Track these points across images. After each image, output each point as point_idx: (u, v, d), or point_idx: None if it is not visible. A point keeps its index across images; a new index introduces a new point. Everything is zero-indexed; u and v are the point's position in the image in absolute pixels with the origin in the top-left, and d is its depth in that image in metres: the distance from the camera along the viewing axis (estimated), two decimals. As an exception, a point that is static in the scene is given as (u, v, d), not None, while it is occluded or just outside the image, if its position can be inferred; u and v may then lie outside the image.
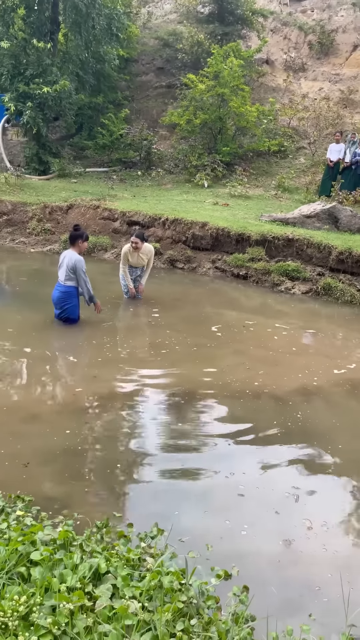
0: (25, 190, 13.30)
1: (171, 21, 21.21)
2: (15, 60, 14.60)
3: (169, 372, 5.48)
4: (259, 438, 4.32)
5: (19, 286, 8.68)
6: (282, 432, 4.40)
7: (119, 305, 7.76)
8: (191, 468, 3.82)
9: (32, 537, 2.34)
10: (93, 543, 2.53)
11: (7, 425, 4.17)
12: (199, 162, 15.10)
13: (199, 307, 8.00)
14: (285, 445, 4.23)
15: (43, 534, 2.43)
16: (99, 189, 13.82)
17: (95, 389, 4.92)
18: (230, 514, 3.29)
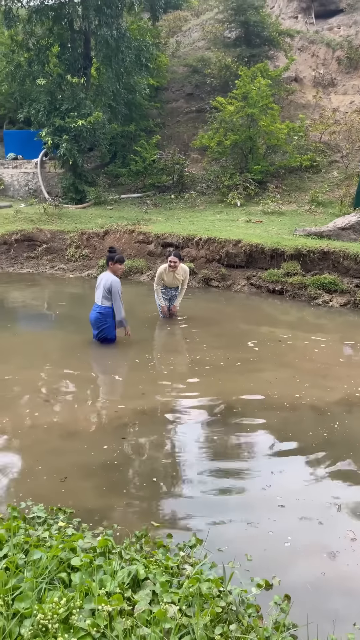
0: (63, 219, 13.77)
1: (199, 48, 21.75)
2: (51, 97, 15.29)
3: (208, 387, 5.49)
4: (299, 449, 4.26)
5: (59, 310, 8.93)
6: (322, 443, 4.32)
7: (155, 325, 7.86)
8: (230, 480, 3.80)
9: (72, 545, 2.39)
10: (132, 552, 2.56)
11: (47, 442, 4.28)
12: (231, 182, 15.25)
13: (235, 324, 8.01)
14: (326, 455, 4.15)
15: (83, 542, 2.48)
16: (134, 214, 14.14)
17: (137, 405, 4.99)
18: (272, 525, 3.25)
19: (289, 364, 6.22)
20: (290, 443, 4.37)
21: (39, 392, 5.27)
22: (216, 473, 3.89)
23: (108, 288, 6.56)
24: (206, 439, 4.43)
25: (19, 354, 6.41)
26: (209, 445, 4.33)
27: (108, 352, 6.59)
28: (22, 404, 5.03)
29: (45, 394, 5.23)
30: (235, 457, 4.15)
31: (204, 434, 4.53)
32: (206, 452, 4.22)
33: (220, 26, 19.65)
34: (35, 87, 15.36)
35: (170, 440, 4.43)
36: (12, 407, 4.96)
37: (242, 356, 6.38)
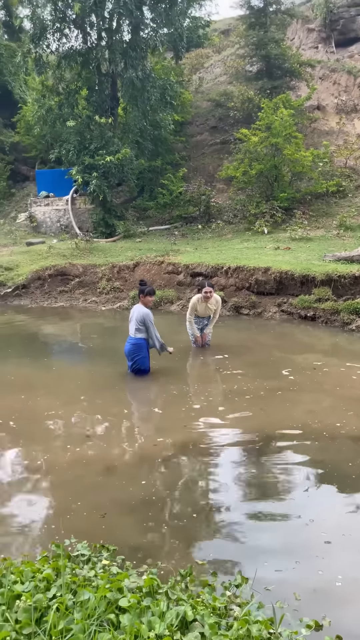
0: (94, 253, 14.10)
1: (221, 83, 22.33)
2: (80, 137, 15.89)
3: (247, 419, 5.44)
4: (340, 481, 4.16)
5: (93, 343, 9.07)
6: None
7: (188, 355, 7.88)
8: (271, 515, 3.73)
9: (119, 585, 2.39)
10: (178, 591, 2.53)
11: (86, 477, 4.30)
12: (258, 210, 15.39)
13: (269, 352, 7.96)
14: (370, 489, 4.04)
15: (129, 581, 2.47)
16: (162, 245, 14.37)
17: (176, 439, 4.97)
18: (320, 563, 3.16)
19: (326, 392, 6.13)
20: (331, 475, 4.27)
21: (77, 427, 5.33)
22: (257, 508, 3.83)
23: (141, 320, 6.67)
24: (246, 473, 4.37)
25: (56, 388, 6.51)
26: (249, 479, 4.27)
27: (144, 384, 6.63)
28: (61, 439, 5.09)
29: (83, 429, 5.29)
30: (276, 492, 4.08)
31: (244, 467, 4.47)
32: (247, 487, 4.16)
33: (241, 61, 20.17)
34: (66, 128, 16.01)
35: (210, 474, 4.39)
36: (52, 442, 5.02)
37: (278, 385, 6.32)
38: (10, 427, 5.28)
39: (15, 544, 3.52)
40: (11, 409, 5.69)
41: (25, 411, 5.67)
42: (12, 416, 5.50)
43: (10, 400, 5.97)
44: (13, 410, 5.67)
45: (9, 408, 5.73)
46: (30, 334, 9.95)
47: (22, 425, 5.32)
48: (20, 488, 4.26)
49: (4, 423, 5.35)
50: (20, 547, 3.46)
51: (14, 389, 6.41)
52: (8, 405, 5.80)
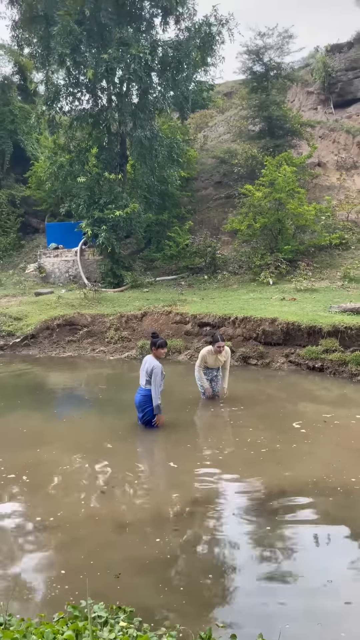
0: (102, 302, 14.31)
1: (225, 141, 23.30)
2: (90, 192, 16.48)
3: (261, 473, 5.39)
4: (357, 538, 4.10)
5: (103, 394, 9.08)
6: (382, 533, 4.15)
7: (197, 406, 7.88)
8: (288, 576, 3.67)
9: (140, 647, 2.35)
10: (199, 655, 2.48)
11: (99, 535, 4.24)
12: (262, 261, 15.72)
13: (278, 403, 7.96)
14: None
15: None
16: (170, 295, 14.60)
17: (190, 495, 4.93)
18: (341, 625, 3.09)
19: (338, 445, 6.09)
20: (347, 533, 4.21)
21: (90, 482, 5.29)
22: (274, 569, 3.76)
23: (150, 372, 6.72)
24: (261, 531, 4.31)
25: (68, 441, 6.47)
26: (264, 537, 4.20)
27: (155, 437, 6.60)
28: (74, 494, 5.04)
29: (96, 484, 5.25)
30: (292, 551, 4.02)
31: (258, 525, 4.40)
32: (262, 546, 4.09)
33: (244, 121, 21.12)
34: (76, 184, 16.64)
35: (225, 533, 4.32)
36: (65, 497, 4.98)
37: (290, 438, 6.29)
38: (24, 481, 5.24)
39: (30, 604, 3.45)
40: (25, 463, 5.67)
41: (39, 465, 5.64)
42: (26, 470, 5.47)
43: (24, 454, 5.95)
44: (27, 464, 5.64)
45: (23, 462, 5.70)
46: (39, 384, 9.99)
47: (36, 480, 5.28)
48: (33, 546, 4.21)
49: (18, 477, 5.32)
50: (34, 608, 3.40)
51: (27, 442, 6.39)
52: (22, 459, 5.78)
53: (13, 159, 23.39)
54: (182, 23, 16.80)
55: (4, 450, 6.06)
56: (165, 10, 16.54)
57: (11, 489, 5.09)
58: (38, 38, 16.34)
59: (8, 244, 22.06)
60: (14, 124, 23.22)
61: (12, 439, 6.49)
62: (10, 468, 5.51)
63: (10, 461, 5.70)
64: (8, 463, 5.64)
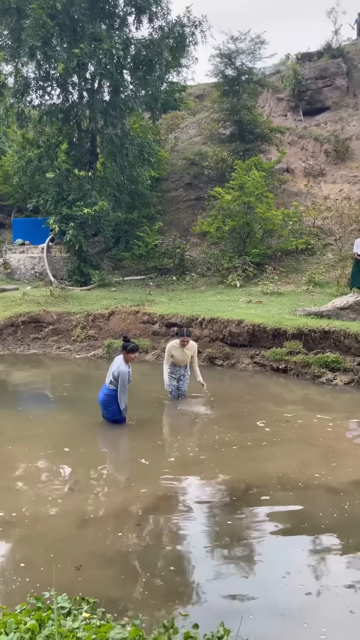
0: (69, 301, 14.17)
1: (196, 143, 23.46)
2: (59, 188, 16.30)
3: (222, 469, 5.48)
4: (314, 531, 4.22)
5: (68, 391, 9.00)
6: (333, 524, 4.28)
7: (164, 405, 7.92)
8: (249, 568, 3.75)
9: (104, 636, 2.37)
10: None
11: (60, 530, 4.22)
12: (230, 264, 15.90)
13: (243, 403, 8.07)
14: (339, 537, 4.10)
15: (114, 632, 2.45)
16: (137, 295, 14.59)
17: (154, 491, 4.96)
18: (303, 615, 3.18)
19: (300, 443, 6.24)
20: (305, 526, 4.33)
21: (55, 478, 5.26)
22: (235, 561, 3.84)
23: (116, 375, 6.70)
24: (224, 525, 4.38)
25: (33, 438, 6.39)
26: (226, 531, 4.28)
27: (121, 435, 6.61)
28: (38, 491, 5.00)
29: (61, 480, 5.22)
30: (253, 544, 4.10)
31: (221, 520, 4.48)
32: (224, 540, 4.17)
33: (215, 124, 21.34)
34: (45, 179, 16.42)
35: (188, 526, 4.38)
36: (28, 494, 4.93)
37: (254, 436, 6.41)
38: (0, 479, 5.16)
39: (-10, 597, 3.42)
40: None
41: (3, 462, 5.56)
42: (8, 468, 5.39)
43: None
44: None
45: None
46: (2, 381, 9.82)
47: (0, 476, 5.21)
48: (-6, 540, 4.16)
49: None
50: (-5, 601, 3.37)
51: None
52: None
53: (-21, 151, 22.84)
54: (155, 22, 16.85)
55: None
56: (139, 9, 16.55)
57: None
58: (9, 30, 16.05)
59: (-28, 239, 21.56)
60: (-19, 116, 22.68)
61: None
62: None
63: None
64: None
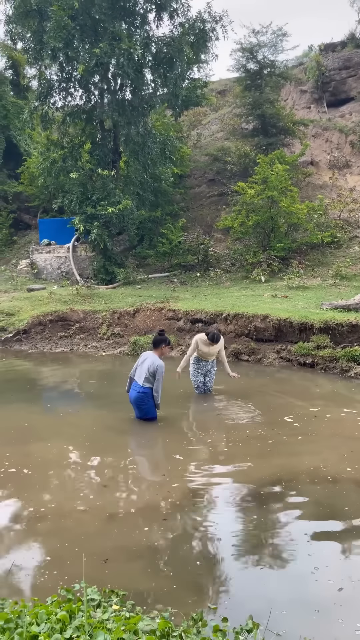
0: (94, 299, 14.32)
1: (218, 139, 23.35)
2: (83, 188, 16.47)
3: (251, 465, 5.45)
4: (343, 526, 4.16)
5: (94, 388, 9.08)
6: (371, 521, 4.22)
7: (190, 401, 7.93)
8: (278, 563, 3.73)
9: (133, 627, 2.39)
10: (192, 635, 2.53)
11: (87, 525, 4.26)
12: (255, 259, 15.79)
13: (270, 398, 8.02)
14: (377, 535, 4.04)
15: (143, 624, 2.47)
16: (162, 292, 14.63)
17: (182, 486, 4.96)
18: (337, 611, 3.15)
19: (328, 438, 6.17)
20: (334, 520, 4.27)
21: (85, 475, 5.31)
22: (263, 556, 3.82)
23: (153, 371, 6.65)
24: (252, 520, 4.36)
25: (63, 435, 6.44)
26: (255, 526, 4.26)
27: (150, 431, 6.63)
28: (68, 487, 5.06)
29: (91, 476, 5.27)
30: (281, 539, 4.08)
31: (249, 515, 4.45)
32: (252, 534, 4.15)
33: (237, 119, 21.18)
34: (69, 180, 16.61)
35: (217, 520, 4.37)
36: (59, 490, 4.99)
37: (282, 432, 6.36)
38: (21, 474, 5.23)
39: (16, 589, 3.49)
40: (23, 457, 5.66)
41: (35, 459, 5.62)
42: (24, 464, 5.46)
43: (22, 448, 5.93)
44: (24, 458, 5.63)
45: (20, 455, 5.70)
46: (32, 379, 9.98)
47: (32, 473, 5.27)
48: (21, 535, 4.22)
49: (16, 470, 5.31)
50: (22, 592, 3.44)
51: (23, 436, 6.38)
52: (19, 453, 5.77)
53: (5, 154, 23.27)
54: (175, 19, 16.84)
55: (3, 444, 6.04)
56: (159, 6, 16.56)
57: (8, 481, 5.09)
58: (31, 33, 16.28)
59: (0, 240, 21.98)
60: (6, 119, 23.11)
61: (8, 433, 6.48)
62: (8, 462, 5.51)
63: (8, 455, 5.70)
64: (6, 457, 5.64)
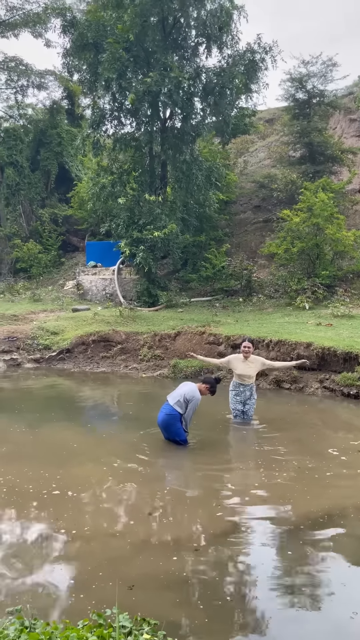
0: (137, 321, 14.46)
1: (265, 166, 23.48)
2: (130, 212, 16.84)
3: (290, 498, 5.28)
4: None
5: (133, 410, 9.09)
6: None
7: (229, 427, 7.80)
8: (311, 601, 3.55)
9: (164, 659, 2.32)
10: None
11: (115, 550, 4.20)
12: (299, 286, 15.60)
13: (312, 428, 7.78)
14: None
15: (174, 656, 2.39)
16: (204, 316, 14.62)
17: (215, 517, 4.84)
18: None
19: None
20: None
21: (121, 499, 5.27)
22: (300, 593, 3.65)
23: (189, 398, 6.66)
24: (287, 558, 4.18)
25: (102, 456, 6.43)
26: (289, 565, 4.08)
27: (186, 457, 6.55)
28: (102, 511, 5.02)
29: (126, 501, 5.23)
30: (320, 579, 3.89)
31: (284, 552, 4.27)
32: (286, 573, 3.97)
33: (285, 147, 21.26)
34: (117, 204, 17.03)
35: (251, 556, 4.23)
36: (93, 513, 4.96)
37: (324, 465, 6.13)
38: (70, 497, 5.21)
39: (46, 609, 3.46)
40: (72, 479, 5.65)
41: (74, 480, 5.64)
42: (76, 486, 5.45)
43: (72, 470, 5.92)
44: (63, 479, 5.64)
45: (70, 477, 5.70)
46: (72, 397, 10.10)
47: (70, 494, 5.26)
48: (56, 556, 4.21)
49: (63, 493, 5.27)
50: (50, 613, 3.41)
51: (73, 457, 6.39)
52: (57, 474, 5.75)
53: (57, 179, 24.21)
54: (225, 50, 17.18)
55: (44, 464, 6.06)
56: (209, 38, 16.97)
57: (51, 503, 5.06)
58: (87, 64, 17.00)
59: (49, 261, 22.69)
60: (60, 146, 24.11)
61: (59, 454, 6.50)
62: (56, 484, 5.49)
63: (58, 477, 5.69)
64: (56, 479, 5.64)
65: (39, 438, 7.19)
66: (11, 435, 7.23)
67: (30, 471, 5.82)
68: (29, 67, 24.67)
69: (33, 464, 6.04)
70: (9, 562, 4.07)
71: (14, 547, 4.30)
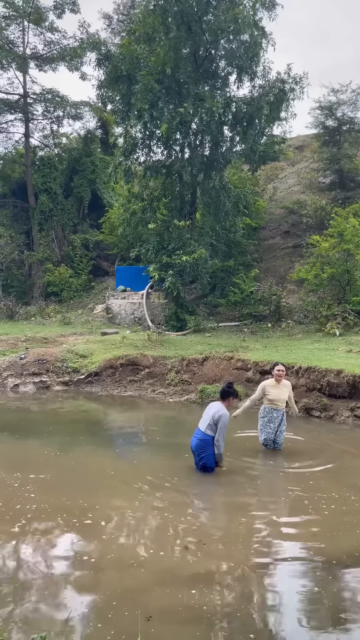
0: (164, 345, 14.48)
1: (295, 192, 23.55)
2: (160, 238, 17.07)
3: (323, 532, 5.10)
4: None
5: (160, 435, 9.02)
6: None
7: (258, 455, 7.64)
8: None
9: None
10: None
11: (133, 579, 4.13)
12: (329, 312, 15.41)
13: (344, 459, 7.56)
14: None
15: None
16: (232, 341, 14.54)
17: (240, 550, 4.70)
18: None
19: None
20: None
21: (145, 528, 5.19)
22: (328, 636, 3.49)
23: (217, 419, 6.61)
24: (313, 596, 4.02)
25: (126, 483, 6.39)
26: (316, 603, 3.91)
27: (213, 485, 6.42)
28: (124, 539, 4.95)
29: (151, 530, 5.15)
30: (349, 619, 3.71)
31: (311, 589, 4.10)
32: (312, 612, 3.81)
33: (315, 173, 21.32)
34: (147, 230, 17.30)
35: (276, 593, 4.08)
36: (116, 540, 4.89)
37: (358, 498, 5.94)
38: (102, 526, 5.14)
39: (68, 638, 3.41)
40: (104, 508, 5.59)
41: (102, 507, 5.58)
42: (109, 515, 5.41)
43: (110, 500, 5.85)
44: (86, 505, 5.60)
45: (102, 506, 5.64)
46: (100, 421, 10.11)
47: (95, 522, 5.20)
48: (79, 584, 4.15)
49: (96, 523, 5.20)
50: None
51: (90, 484, 6.34)
52: (102, 504, 5.69)
53: (90, 205, 24.79)
54: (256, 80, 17.48)
55: (74, 490, 6.04)
56: (240, 69, 17.32)
57: (83, 532, 5.01)
58: (120, 95, 17.53)
59: (79, 285, 23.09)
60: (93, 174, 24.77)
61: (78, 479, 6.47)
62: (92, 513, 5.42)
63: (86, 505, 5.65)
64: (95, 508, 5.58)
65: (74, 464, 7.12)
66: (48, 460, 7.18)
67: (69, 501, 5.71)
68: (64, 98, 25.61)
69: (71, 492, 5.98)
70: (31, 589, 4.04)
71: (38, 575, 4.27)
